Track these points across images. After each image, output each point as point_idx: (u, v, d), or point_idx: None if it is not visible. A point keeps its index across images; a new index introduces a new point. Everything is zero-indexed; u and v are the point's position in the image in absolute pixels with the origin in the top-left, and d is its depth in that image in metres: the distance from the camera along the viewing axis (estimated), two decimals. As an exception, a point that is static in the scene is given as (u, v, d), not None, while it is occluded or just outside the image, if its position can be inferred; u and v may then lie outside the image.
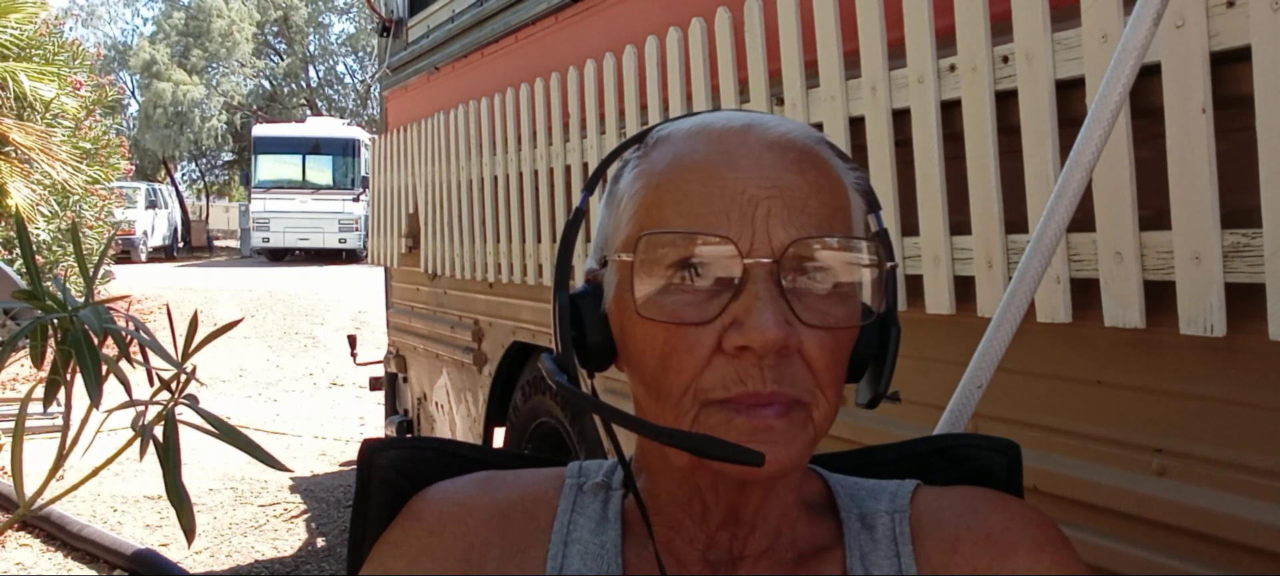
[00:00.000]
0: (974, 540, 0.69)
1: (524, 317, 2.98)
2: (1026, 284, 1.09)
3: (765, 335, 0.61)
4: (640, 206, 0.67)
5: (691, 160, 0.66)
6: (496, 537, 0.72)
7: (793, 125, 0.69)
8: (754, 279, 0.62)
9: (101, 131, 9.14)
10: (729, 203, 0.64)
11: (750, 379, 0.62)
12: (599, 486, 0.74)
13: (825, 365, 0.64)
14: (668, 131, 0.70)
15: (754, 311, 0.62)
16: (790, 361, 0.63)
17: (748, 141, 0.66)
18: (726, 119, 0.69)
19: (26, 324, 0.88)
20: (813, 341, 0.63)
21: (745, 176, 0.64)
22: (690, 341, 0.63)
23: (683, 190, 0.65)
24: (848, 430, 1.62)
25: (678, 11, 2.18)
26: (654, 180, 0.67)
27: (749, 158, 0.65)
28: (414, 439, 0.80)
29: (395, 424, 4.35)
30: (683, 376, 0.64)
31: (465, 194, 3.34)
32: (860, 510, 0.73)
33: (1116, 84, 1.05)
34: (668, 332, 0.64)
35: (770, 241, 0.63)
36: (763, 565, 0.70)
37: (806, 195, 0.65)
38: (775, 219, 0.63)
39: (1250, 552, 1.13)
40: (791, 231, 0.63)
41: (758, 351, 0.62)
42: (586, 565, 0.70)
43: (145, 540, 4.30)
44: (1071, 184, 1.07)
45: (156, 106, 28.66)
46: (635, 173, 0.69)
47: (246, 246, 23.85)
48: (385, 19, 4.40)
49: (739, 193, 0.64)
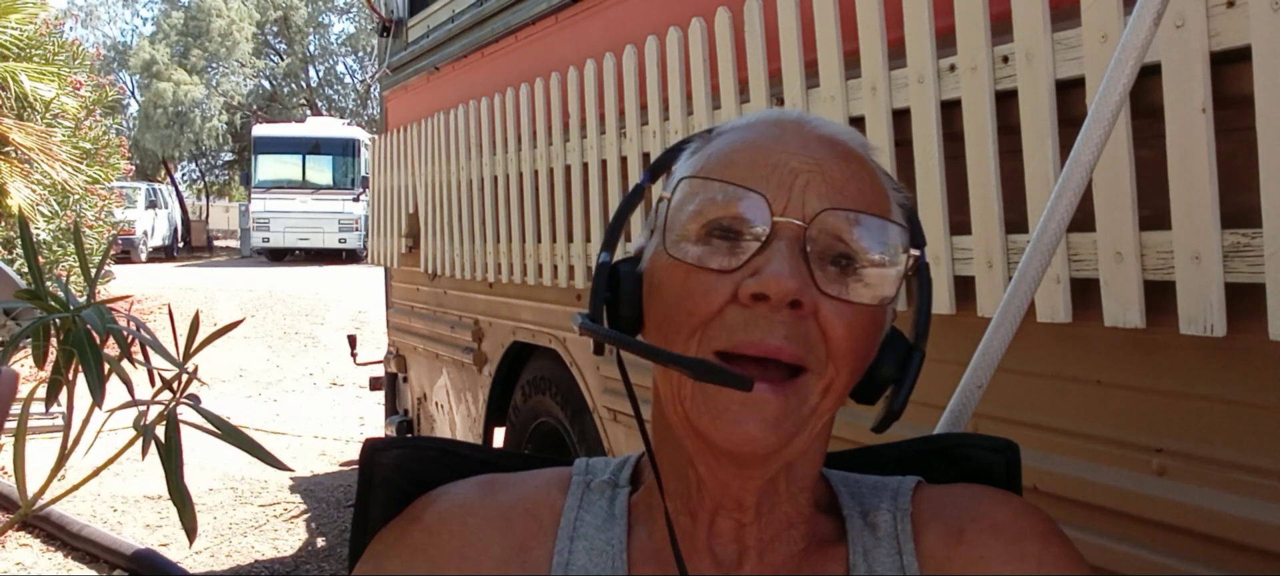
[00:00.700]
0: (980, 530, 0.70)
1: (524, 317, 2.98)
2: (1026, 284, 1.09)
3: (781, 283, 0.62)
4: (690, 184, 0.69)
5: (744, 139, 0.70)
6: (497, 537, 0.72)
7: (849, 130, 0.72)
8: (780, 236, 0.64)
9: (101, 131, 9.14)
10: (770, 170, 0.66)
11: (759, 328, 0.63)
12: (606, 484, 0.75)
13: (841, 335, 0.64)
14: (727, 125, 0.74)
15: (773, 261, 0.63)
16: (805, 323, 0.64)
17: (801, 129, 0.70)
18: (781, 112, 0.73)
19: (29, 323, 0.88)
20: (831, 310, 0.64)
21: (789, 150, 0.67)
22: (707, 286, 0.64)
23: (731, 160, 0.68)
24: (848, 430, 1.62)
25: (678, 11, 2.18)
26: (707, 159, 0.70)
27: (797, 138, 0.68)
28: (416, 438, 0.81)
29: (395, 424, 4.35)
30: (694, 318, 0.65)
31: (465, 194, 3.34)
32: (862, 507, 0.73)
33: (1116, 84, 1.05)
34: (688, 275, 0.65)
35: (804, 206, 0.65)
36: (768, 559, 0.70)
37: (846, 180, 0.67)
38: (812, 190, 0.65)
39: (1250, 552, 1.13)
40: (825, 201, 0.65)
41: (773, 300, 0.62)
42: (592, 561, 0.70)
43: (145, 540, 4.30)
44: (1071, 184, 1.07)
45: (156, 106, 28.65)
46: (691, 156, 0.72)
47: (246, 246, 23.85)
48: (385, 19, 4.40)
49: (781, 163, 0.66)
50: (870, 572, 0.69)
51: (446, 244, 3.54)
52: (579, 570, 0.70)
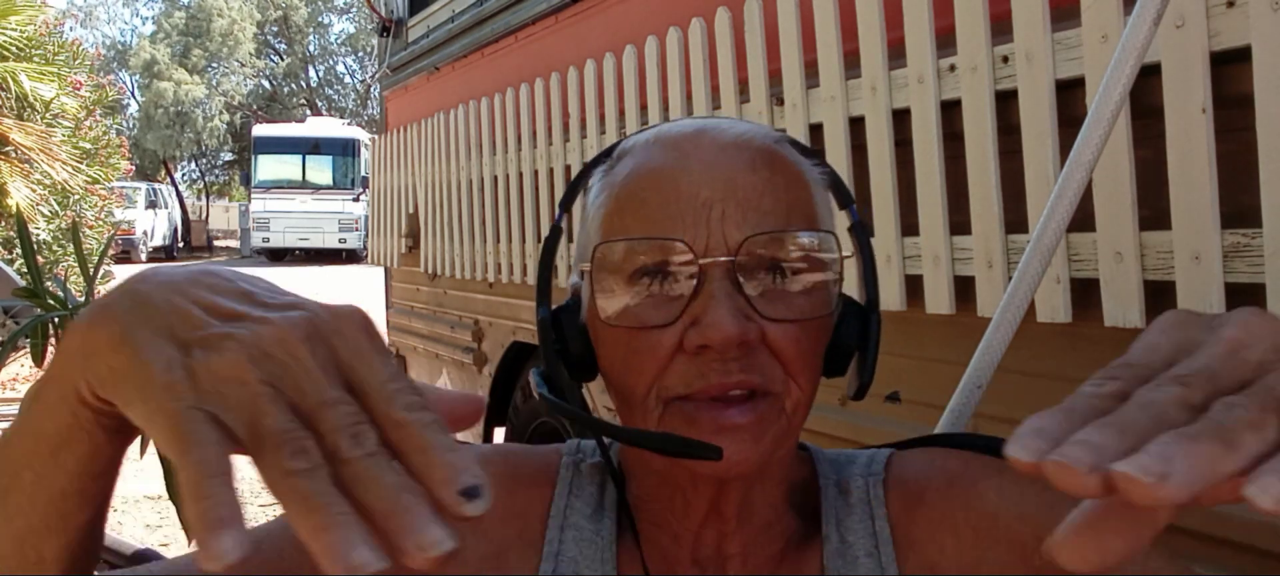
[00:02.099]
0: (937, 487, 0.70)
1: (524, 318, 2.98)
2: (1026, 284, 1.09)
3: (723, 331, 0.61)
4: (604, 218, 0.68)
5: (648, 168, 0.68)
6: (500, 492, 0.72)
7: (750, 127, 0.70)
8: (710, 278, 0.63)
9: (101, 131, 9.14)
10: (683, 206, 0.65)
11: (713, 373, 0.63)
12: (596, 468, 0.75)
13: (794, 355, 0.64)
14: (629, 144, 0.72)
15: (710, 309, 0.62)
16: (756, 354, 0.64)
17: (701, 145, 0.67)
18: (681, 126, 0.70)
19: (27, 322, 0.88)
20: (777, 332, 0.64)
21: (698, 180, 0.65)
22: (651, 342, 0.64)
23: (640, 198, 0.67)
24: (848, 430, 1.62)
25: (678, 11, 2.18)
26: (615, 191, 0.69)
27: (702, 161, 0.66)
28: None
29: (395, 424, 4.35)
30: (645, 377, 0.65)
31: (465, 194, 3.34)
32: (837, 477, 0.74)
33: (1116, 84, 1.05)
34: (630, 336, 0.65)
35: (725, 240, 0.64)
36: (750, 561, 0.70)
37: (762, 194, 0.65)
38: (729, 220, 0.64)
39: (1250, 552, 1.13)
40: (746, 230, 0.64)
41: (717, 348, 0.62)
42: (581, 551, 0.71)
43: (145, 540, 4.30)
44: (1071, 184, 1.07)
45: (157, 106, 28.66)
46: (600, 186, 0.71)
47: (246, 246, 23.85)
48: (385, 19, 4.40)
49: (692, 196, 0.65)
50: (841, 542, 0.70)
51: (446, 244, 3.54)
52: (568, 559, 0.71)
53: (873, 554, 0.69)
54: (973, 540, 0.67)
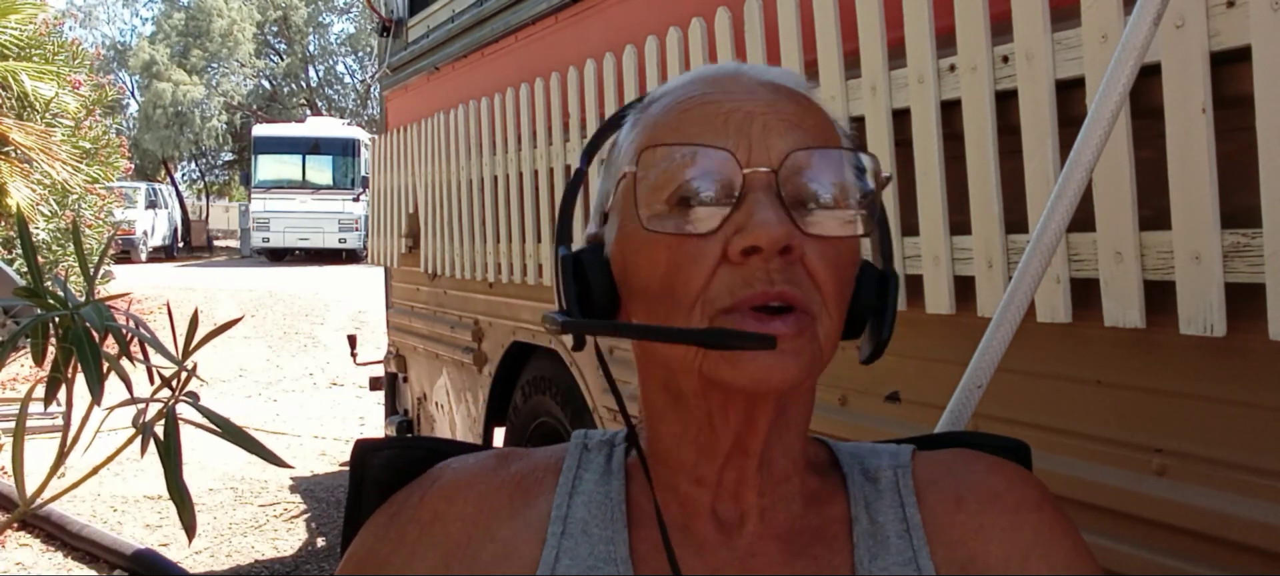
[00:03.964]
0: (978, 499, 0.71)
1: (524, 318, 2.98)
2: (1026, 284, 1.09)
3: (770, 232, 0.62)
4: (639, 145, 0.68)
5: (688, 96, 0.69)
6: (505, 503, 0.73)
7: (783, 70, 0.72)
8: (754, 187, 0.64)
9: (101, 131, 9.14)
10: (726, 119, 0.66)
11: (757, 280, 0.63)
12: (603, 443, 0.76)
13: (827, 277, 0.65)
14: (664, 88, 0.73)
15: (757, 212, 0.63)
16: (795, 267, 0.64)
17: (741, 78, 0.70)
18: (719, 65, 0.72)
19: (27, 322, 0.88)
20: (815, 251, 0.64)
21: (739, 98, 0.67)
22: (695, 252, 0.64)
23: (681, 121, 0.67)
24: (848, 430, 1.62)
25: (678, 11, 2.18)
26: (652, 124, 0.69)
27: (742, 87, 0.68)
28: (407, 438, 0.82)
29: (395, 424, 4.35)
30: (692, 287, 0.64)
31: (465, 194, 3.34)
32: (862, 466, 0.74)
33: (1116, 84, 1.05)
34: (671, 247, 0.65)
35: (769, 151, 0.65)
36: (770, 517, 0.70)
37: (800, 115, 0.67)
38: (773, 132, 0.65)
39: (1250, 552, 1.13)
40: (789, 141, 0.65)
41: (765, 250, 0.62)
42: (591, 511, 0.71)
43: (145, 540, 4.30)
44: (1071, 184, 1.07)
45: (156, 106, 28.65)
46: (633, 125, 0.72)
47: (246, 246, 23.85)
48: (385, 19, 4.40)
49: (734, 109, 0.66)
50: (872, 523, 0.70)
51: (446, 244, 3.54)
52: (578, 520, 0.70)
53: (904, 536, 0.69)
54: (1001, 562, 0.68)
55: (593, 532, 0.70)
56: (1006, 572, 0.68)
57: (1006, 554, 0.68)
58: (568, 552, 0.69)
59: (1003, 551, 0.68)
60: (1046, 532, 0.69)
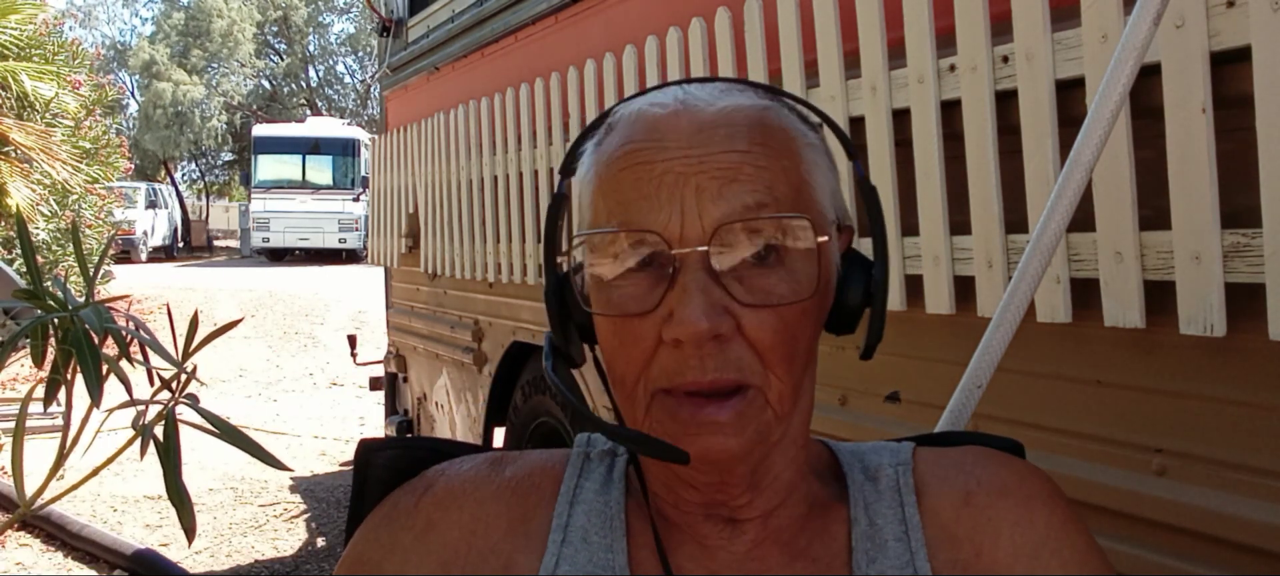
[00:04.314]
0: (987, 493, 0.70)
1: (524, 317, 2.98)
2: (1026, 284, 1.09)
3: (692, 327, 0.62)
4: (591, 198, 0.68)
5: (628, 148, 0.67)
6: (503, 511, 0.73)
7: (735, 96, 0.68)
8: (685, 268, 0.63)
9: (101, 131, 9.14)
10: (657, 186, 0.64)
11: (688, 369, 0.63)
12: (605, 453, 0.76)
13: (770, 344, 0.64)
14: (618, 114, 0.71)
15: (682, 304, 0.62)
16: (730, 345, 0.63)
17: (678, 124, 0.66)
18: (662, 101, 0.68)
19: (27, 323, 0.88)
20: (753, 321, 0.63)
21: (673, 155, 0.64)
22: (635, 332, 0.65)
23: (618, 180, 0.66)
24: (848, 430, 1.62)
25: (678, 11, 2.18)
26: (598, 170, 0.68)
27: (678, 140, 0.65)
28: (410, 438, 0.82)
29: (395, 424, 4.35)
30: (633, 368, 0.65)
31: (465, 194, 3.34)
32: (863, 465, 0.74)
33: (1116, 84, 1.05)
34: (615, 326, 0.66)
35: (701, 221, 0.63)
36: (770, 523, 0.70)
37: (737, 167, 0.64)
38: (706, 194, 0.63)
39: (1250, 552, 1.13)
40: (722, 207, 0.63)
41: (689, 343, 0.62)
42: (591, 520, 0.71)
43: (145, 540, 4.30)
44: (1071, 184, 1.07)
45: (156, 106, 28.64)
46: (590, 161, 0.70)
47: (246, 246, 23.84)
48: (385, 19, 4.40)
49: (665, 172, 0.64)
50: (871, 524, 0.70)
51: (446, 244, 3.54)
52: (578, 528, 0.71)
53: (902, 539, 0.69)
54: (1010, 556, 0.68)
55: (592, 541, 0.70)
56: (1017, 568, 0.68)
57: (1016, 548, 0.68)
58: (567, 559, 0.69)
59: (1013, 545, 0.68)
60: (1058, 527, 0.69)
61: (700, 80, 0.71)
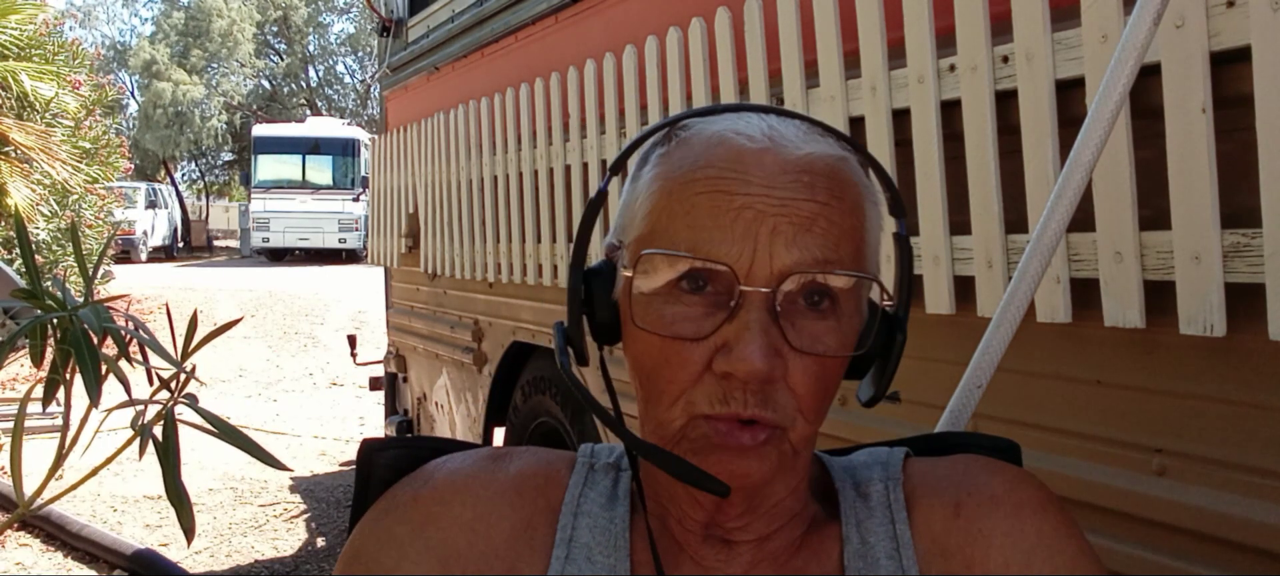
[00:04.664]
0: (977, 503, 0.70)
1: (524, 317, 2.98)
2: (1026, 284, 1.08)
3: (751, 365, 0.62)
4: (653, 209, 0.67)
5: (707, 173, 0.66)
6: (507, 511, 0.73)
7: (816, 144, 0.68)
8: (748, 306, 0.63)
9: (101, 131, 9.14)
10: (734, 219, 0.64)
11: (734, 401, 0.64)
12: (610, 466, 0.76)
13: (809, 391, 0.65)
14: (693, 131, 0.69)
15: (743, 341, 0.62)
16: (774, 388, 0.64)
17: (764, 162, 0.65)
18: (749, 133, 0.67)
19: (26, 323, 0.88)
20: (799, 367, 0.64)
21: (755, 194, 0.64)
22: (683, 356, 0.65)
23: (693, 203, 0.65)
24: (848, 430, 1.62)
25: (678, 11, 2.18)
26: (669, 184, 0.67)
27: (763, 177, 0.65)
28: (413, 438, 0.82)
29: (395, 424, 4.35)
30: (674, 387, 0.65)
31: (465, 194, 3.34)
32: (854, 480, 0.74)
33: (1116, 84, 1.05)
34: (663, 344, 0.65)
35: (771, 264, 0.63)
36: (766, 547, 0.70)
37: (814, 217, 0.64)
38: (780, 238, 0.63)
39: (1250, 552, 1.13)
40: (795, 254, 0.63)
41: (742, 380, 0.63)
42: (595, 536, 0.71)
43: (145, 540, 4.30)
44: (1071, 184, 1.07)
45: (156, 106, 28.64)
46: (656, 170, 0.69)
47: (246, 246, 23.85)
48: (385, 19, 4.40)
49: (745, 207, 0.64)
50: (863, 543, 0.70)
51: (446, 244, 3.54)
52: (582, 544, 0.71)
53: (893, 556, 0.69)
54: (1001, 566, 0.68)
55: (596, 559, 0.70)
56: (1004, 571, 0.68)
57: (1007, 558, 0.68)
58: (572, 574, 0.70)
59: (1003, 556, 0.68)
60: (1049, 535, 0.69)
61: (780, 113, 0.70)
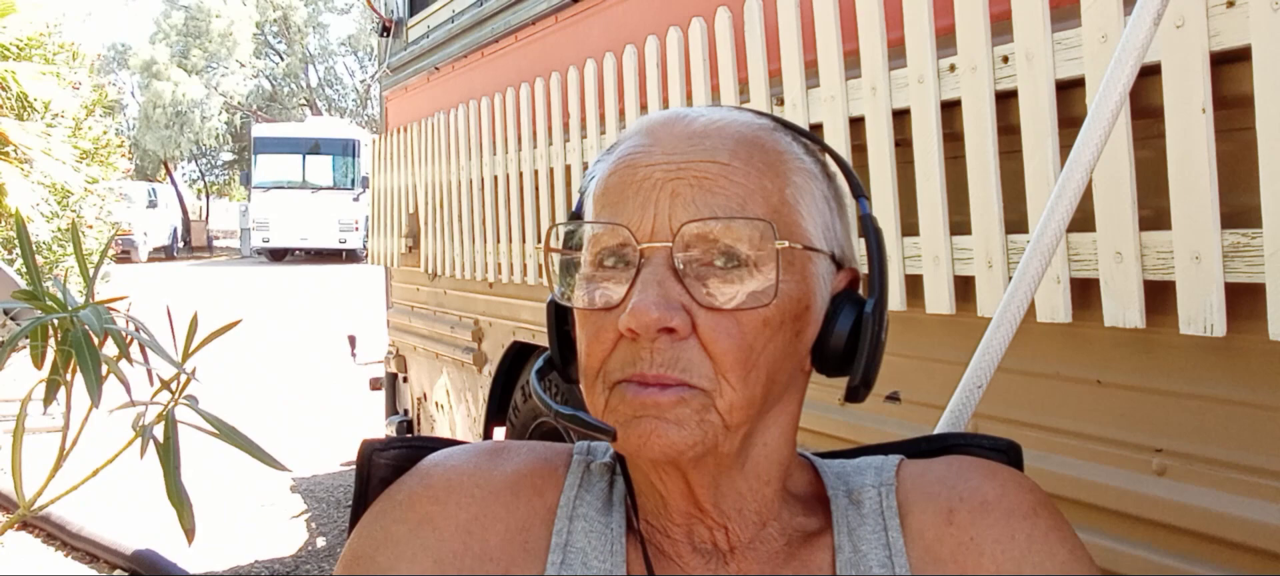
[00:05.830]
0: (969, 510, 0.70)
1: (524, 317, 2.98)
2: (1026, 284, 1.08)
3: (641, 315, 0.62)
4: (592, 203, 0.70)
5: (620, 155, 0.70)
6: (502, 513, 0.73)
7: (734, 115, 0.70)
8: (647, 263, 0.64)
9: (101, 131, 9.14)
10: (638, 188, 0.66)
11: (642, 361, 0.64)
12: (605, 467, 0.76)
13: (724, 350, 0.64)
14: (626, 131, 0.73)
15: (637, 293, 0.63)
16: (684, 346, 0.64)
17: (672, 130, 0.69)
18: (666, 112, 0.71)
19: (27, 324, 0.88)
20: (709, 324, 0.64)
21: (656, 161, 0.67)
22: (599, 326, 0.66)
23: (607, 184, 0.69)
24: (847, 430, 1.62)
25: (678, 11, 2.18)
26: (598, 180, 0.71)
27: (665, 144, 0.68)
28: (412, 438, 0.81)
29: (395, 424, 4.35)
30: (594, 360, 0.67)
31: (465, 194, 3.34)
32: (847, 487, 0.74)
33: (1116, 84, 1.05)
34: (584, 319, 0.67)
35: (670, 222, 0.64)
36: (753, 555, 0.70)
37: (715, 177, 0.65)
38: (679, 199, 0.65)
39: (1250, 552, 1.13)
40: (692, 209, 0.64)
41: (640, 333, 0.63)
42: (590, 542, 0.71)
43: (145, 540, 4.30)
44: (1071, 184, 1.07)
45: (156, 106, 28.65)
46: (594, 168, 0.73)
47: (246, 246, 23.86)
48: (385, 19, 4.40)
49: (646, 177, 0.66)
50: (855, 552, 0.70)
51: (446, 244, 3.54)
52: (578, 549, 0.71)
53: (887, 565, 0.69)
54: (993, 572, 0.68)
55: (591, 564, 0.70)
56: None
57: (999, 565, 0.68)
58: None
59: (994, 563, 0.68)
60: (1040, 540, 0.68)
61: (743, 109, 0.73)
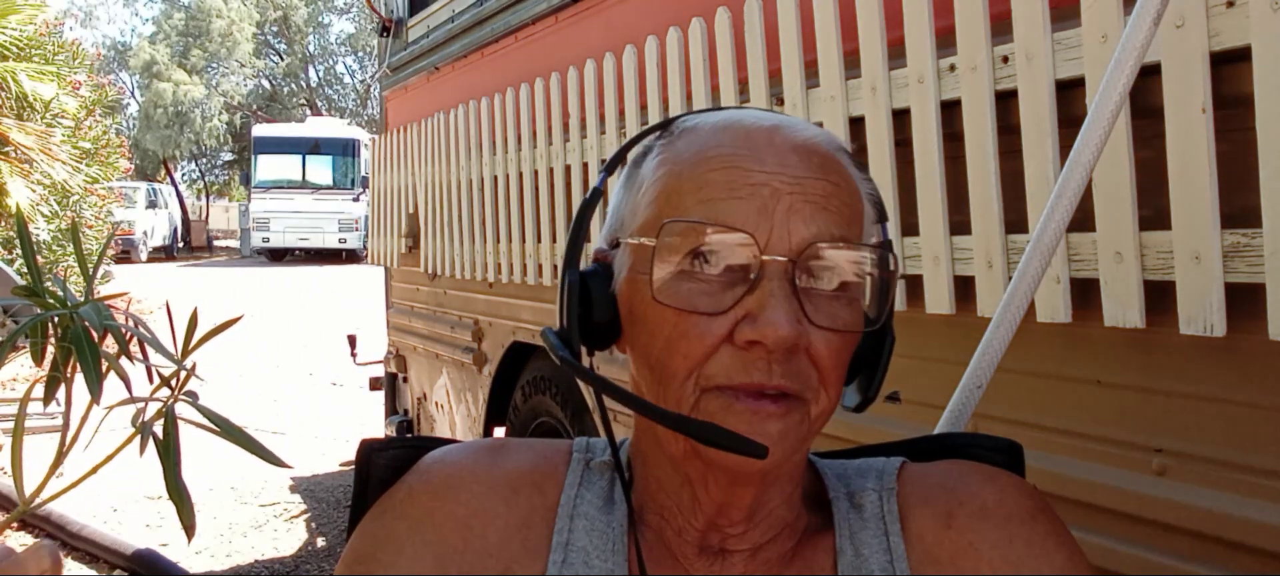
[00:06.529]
0: (968, 514, 0.70)
1: (524, 317, 2.98)
2: (1026, 284, 1.08)
3: (779, 332, 0.62)
4: (661, 193, 0.68)
5: (717, 153, 0.67)
6: (502, 509, 0.72)
7: (819, 131, 0.70)
8: (770, 275, 0.63)
9: (101, 131, 9.14)
10: (751, 193, 0.64)
11: (757, 371, 0.63)
12: (605, 465, 0.75)
13: (830, 365, 0.65)
14: (694, 123, 0.71)
15: (769, 308, 0.62)
16: (797, 358, 0.64)
17: (774, 140, 0.67)
18: (755, 117, 0.69)
19: (27, 321, 0.88)
20: (820, 340, 0.64)
21: (770, 171, 0.65)
22: (700, 329, 0.64)
23: (705, 179, 0.66)
24: (847, 430, 1.62)
25: (678, 11, 2.18)
26: (677, 168, 0.68)
27: (774, 155, 0.66)
28: (412, 438, 0.81)
29: (395, 424, 4.35)
30: (688, 361, 0.65)
31: (465, 194, 3.34)
32: (848, 489, 0.74)
33: (1116, 84, 1.05)
34: (679, 318, 0.65)
35: (790, 238, 0.64)
36: (756, 556, 0.70)
37: (827, 196, 0.66)
38: (797, 215, 0.64)
39: (1250, 552, 1.13)
40: (812, 229, 0.64)
41: (769, 347, 0.62)
42: (592, 541, 0.71)
43: (145, 539, 4.29)
44: (1071, 184, 1.07)
45: (156, 106, 28.66)
46: (658, 160, 0.70)
47: (246, 246, 23.86)
48: (385, 19, 4.40)
49: (762, 184, 0.65)
50: (856, 555, 0.70)
51: (446, 244, 3.54)
52: (579, 548, 0.71)
53: (887, 568, 0.69)
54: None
55: (593, 563, 0.70)
56: None
57: (997, 569, 0.68)
58: None
59: (993, 567, 0.68)
60: (1039, 545, 0.69)
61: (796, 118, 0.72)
